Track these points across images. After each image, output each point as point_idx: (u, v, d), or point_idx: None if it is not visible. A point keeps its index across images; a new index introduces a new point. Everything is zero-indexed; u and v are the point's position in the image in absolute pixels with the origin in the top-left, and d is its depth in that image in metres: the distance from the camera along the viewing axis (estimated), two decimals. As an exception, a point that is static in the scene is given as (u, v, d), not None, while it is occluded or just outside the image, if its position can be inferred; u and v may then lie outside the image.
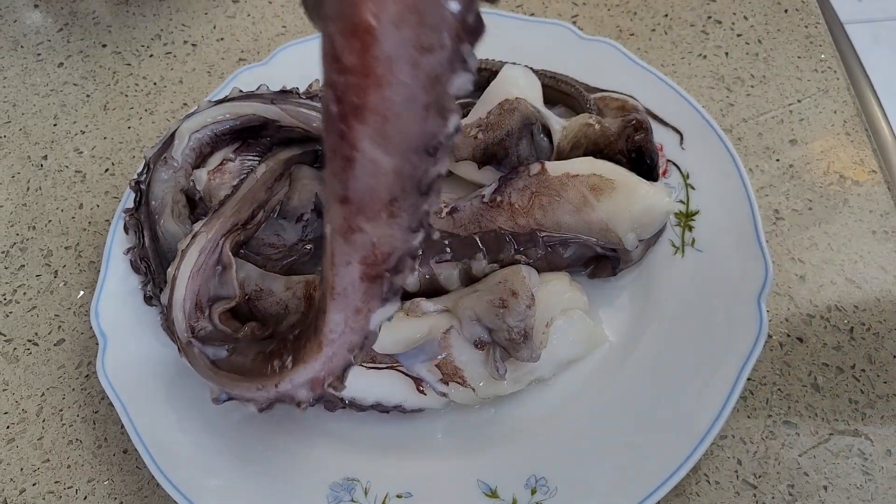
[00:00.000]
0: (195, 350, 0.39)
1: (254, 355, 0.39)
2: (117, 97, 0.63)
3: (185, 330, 0.39)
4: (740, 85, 0.56)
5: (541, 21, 0.56)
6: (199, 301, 0.40)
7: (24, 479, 0.45)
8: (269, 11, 0.68)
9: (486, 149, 0.47)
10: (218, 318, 0.40)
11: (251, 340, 0.40)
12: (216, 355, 0.39)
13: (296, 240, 0.46)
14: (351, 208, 0.28)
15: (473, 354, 0.41)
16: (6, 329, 0.51)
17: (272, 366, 0.37)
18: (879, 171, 0.51)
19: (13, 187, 0.58)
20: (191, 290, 0.40)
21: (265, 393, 0.37)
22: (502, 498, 0.39)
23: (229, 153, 0.48)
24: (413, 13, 0.23)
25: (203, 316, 0.40)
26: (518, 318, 0.40)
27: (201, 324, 0.40)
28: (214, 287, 0.41)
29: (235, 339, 0.40)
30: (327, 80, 0.26)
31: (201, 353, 0.39)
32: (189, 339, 0.39)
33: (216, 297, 0.41)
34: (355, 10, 0.23)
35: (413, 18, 0.23)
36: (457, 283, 0.43)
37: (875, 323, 0.45)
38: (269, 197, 0.46)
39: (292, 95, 0.49)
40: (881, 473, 0.40)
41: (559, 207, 0.43)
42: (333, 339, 0.34)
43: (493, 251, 0.43)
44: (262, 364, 0.38)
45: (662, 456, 0.38)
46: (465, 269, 0.43)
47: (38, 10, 0.71)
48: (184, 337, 0.39)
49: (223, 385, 0.38)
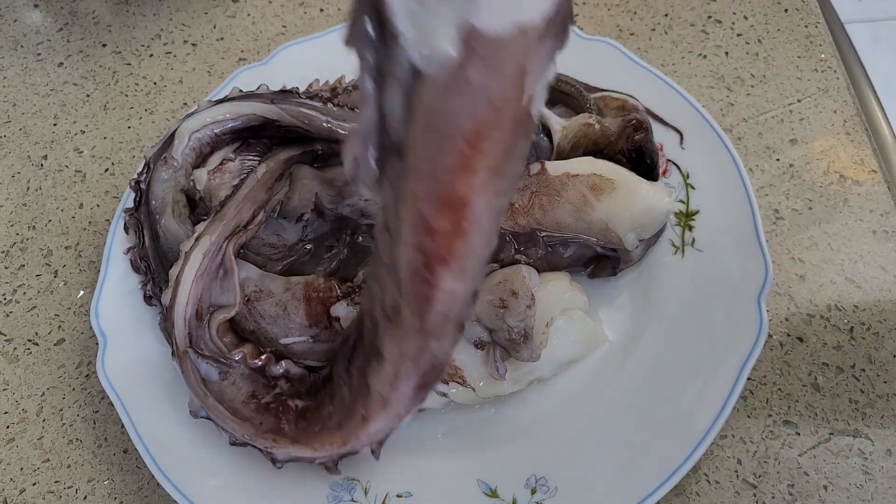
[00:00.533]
0: (189, 361, 0.39)
1: (245, 397, 0.39)
2: (117, 97, 0.63)
3: (184, 338, 0.39)
4: (740, 84, 0.56)
5: (541, 21, 0.56)
6: (200, 308, 0.40)
7: (24, 479, 0.45)
8: (269, 11, 0.68)
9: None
10: (216, 330, 0.40)
11: (246, 375, 0.40)
12: (208, 374, 0.39)
13: (296, 240, 0.46)
14: (426, 336, 0.30)
15: (473, 354, 0.41)
16: (6, 329, 0.51)
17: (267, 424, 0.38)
18: (879, 171, 0.51)
19: (13, 187, 0.58)
20: (194, 294, 0.40)
21: (247, 439, 0.38)
22: (502, 498, 0.39)
23: (229, 153, 0.48)
24: (496, 175, 0.25)
25: (202, 324, 0.40)
26: (518, 319, 0.40)
27: (199, 333, 0.40)
28: (216, 293, 0.41)
29: (227, 364, 0.40)
30: (413, 243, 0.27)
31: (194, 367, 0.39)
32: (186, 349, 0.39)
33: (217, 305, 0.41)
34: (451, 188, 0.25)
35: (496, 178, 0.26)
36: None
37: (875, 322, 0.45)
38: (270, 197, 0.46)
39: (292, 95, 0.49)
40: (881, 473, 0.40)
41: (559, 207, 0.43)
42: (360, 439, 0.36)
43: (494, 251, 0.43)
44: (255, 413, 0.39)
45: (662, 455, 0.38)
46: None
47: (38, 9, 0.71)
48: (182, 344, 0.39)
49: (208, 408, 0.39)
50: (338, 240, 0.45)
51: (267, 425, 0.38)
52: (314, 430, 0.37)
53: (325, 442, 0.37)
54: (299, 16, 0.67)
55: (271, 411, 0.38)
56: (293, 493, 0.40)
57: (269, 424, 0.38)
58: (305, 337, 0.41)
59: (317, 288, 0.42)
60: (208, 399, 0.39)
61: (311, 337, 0.41)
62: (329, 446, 0.37)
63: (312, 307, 0.41)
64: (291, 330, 0.41)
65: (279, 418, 0.38)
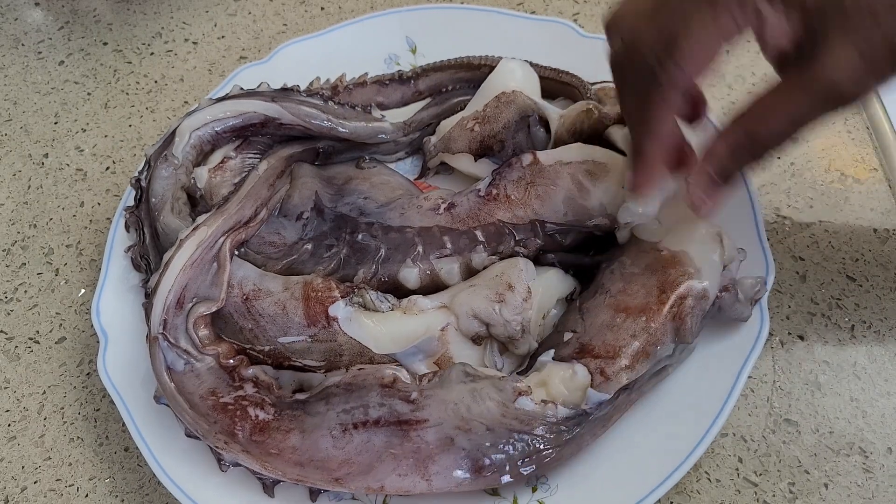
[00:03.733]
0: (158, 347, 0.39)
1: (205, 392, 0.39)
2: (118, 95, 0.63)
3: (158, 323, 0.39)
4: (741, 83, 0.56)
5: (542, 19, 0.56)
6: (182, 296, 0.40)
7: (25, 477, 0.45)
8: (270, 9, 0.68)
9: (482, 141, 0.47)
10: (192, 323, 0.40)
11: (212, 369, 0.40)
12: (173, 363, 0.39)
13: (296, 239, 0.46)
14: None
15: (471, 350, 0.41)
16: (7, 327, 0.51)
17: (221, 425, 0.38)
18: (880, 169, 0.51)
19: (14, 185, 0.59)
20: (179, 282, 0.40)
21: (199, 435, 0.39)
22: (504, 496, 0.39)
23: (230, 151, 0.48)
24: None
25: (180, 313, 0.40)
26: (515, 312, 0.40)
27: (175, 321, 0.40)
28: (204, 286, 0.41)
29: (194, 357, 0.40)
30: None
31: (162, 354, 0.39)
32: (157, 335, 0.39)
33: (203, 297, 0.41)
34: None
35: None
36: (458, 277, 0.43)
37: (876, 321, 0.45)
38: (272, 194, 0.46)
39: (293, 93, 0.49)
40: (882, 471, 0.40)
41: (555, 195, 0.44)
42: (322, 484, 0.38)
43: (494, 243, 0.43)
44: (210, 411, 0.39)
45: (663, 453, 0.38)
46: (465, 263, 0.43)
47: (39, 7, 0.71)
48: (154, 329, 0.39)
49: (168, 397, 0.39)
50: (337, 239, 0.45)
51: (221, 426, 0.38)
52: (270, 451, 0.38)
53: (278, 468, 0.37)
54: (300, 14, 0.67)
55: (228, 413, 0.38)
56: (294, 491, 0.40)
57: (224, 426, 0.38)
58: (304, 336, 0.41)
59: (315, 287, 0.42)
60: (169, 387, 0.39)
61: (309, 336, 0.41)
62: (280, 474, 0.38)
63: (311, 307, 0.41)
64: (290, 329, 0.41)
65: (234, 422, 0.38)
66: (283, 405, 0.39)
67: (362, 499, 0.39)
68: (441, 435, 0.36)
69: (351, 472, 0.37)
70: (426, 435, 0.36)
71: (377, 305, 0.42)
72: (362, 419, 0.37)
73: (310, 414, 0.38)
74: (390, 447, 0.37)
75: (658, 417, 0.40)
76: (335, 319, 0.41)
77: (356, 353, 0.41)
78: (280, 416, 0.39)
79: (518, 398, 0.37)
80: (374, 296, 0.42)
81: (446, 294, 0.42)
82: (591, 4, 0.63)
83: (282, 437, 0.38)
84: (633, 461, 0.38)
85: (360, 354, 0.41)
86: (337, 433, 0.37)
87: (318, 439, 0.37)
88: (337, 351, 0.41)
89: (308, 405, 0.39)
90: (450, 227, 0.44)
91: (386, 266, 0.43)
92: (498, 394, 0.37)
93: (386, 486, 0.36)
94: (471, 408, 0.37)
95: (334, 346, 0.41)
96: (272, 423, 0.38)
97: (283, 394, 0.40)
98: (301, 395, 0.39)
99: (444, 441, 0.36)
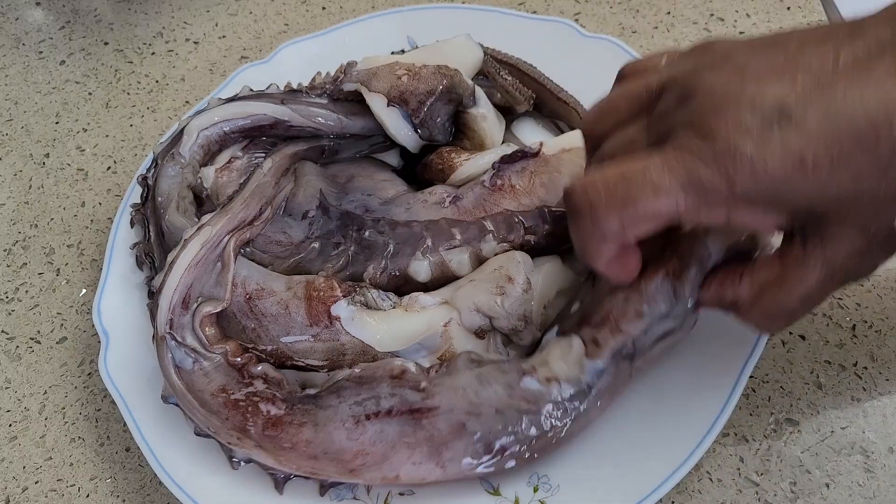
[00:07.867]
0: (166, 347, 0.39)
1: (215, 390, 0.39)
2: (119, 95, 0.63)
3: (165, 322, 0.40)
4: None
5: (543, 18, 0.56)
6: (187, 296, 0.40)
7: (26, 477, 0.45)
8: (271, 9, 0.68)
9: (402, 93, 0.47)
10: (199, 322, 0.40)
11: (221, 367, 0.40)
12: (181, 361, 0.39)
13: (302, 237, 0.46)
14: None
15: (475, 344, 0.41)
16: (8, 327, 0.51)
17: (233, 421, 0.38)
18: (882, 169, 0.51)
19: (15, 185, 0.59)
20: (184, 282, 0.40)
21: (211, 432, 0.39)
22: (505, 496, 0.39)
23: (237, 151, 0.48)
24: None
25: (186, 313, 0.40)
26: (517, 303, 0.40)
27: (182, 321, 0.40)
28: (209, 286, 0.41)
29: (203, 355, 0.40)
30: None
31: (170, 353, 0.39)
32: (164, 335, 0.39)
33: (208, 297, 0.41)
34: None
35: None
36: (468, 267, 0.43)
37: (878, 320, 0.45)
38: (276, 193, 0.46)
39: (302, 95, 0.49)
40: (883, 471, 0.40)
41: (560, 182, 0.44)
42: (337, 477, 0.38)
43: (503, 232, 0.43)
44: (222, 408, 0.39)
45: (664, 453, 0.38)
46: (475, 253, 0.43)
47: (40, 7, 0.71)
48: (161, 329, 0.40)
49: (178, 396, 0.39)
50: (345, 236, 0.45)
51: (233, 422, 0.38)
52: (283, 445, 0.38)
53: (292, 462, 0.38)
54: (301, 13, 0.67)
55: (239, 409, 0.38)
56: (295, 490, 0.40)
57: (236, 422, 0.38)
58: (306, 336, 0.41)
59: (317, 287, 0.42)
60: (178, 386, 0.39)
61: (311, 336, 0.41)
62: (294, 468, 0.38)
63: (313, 306, 0.41)
64: (292, 329, 0.41)
65: (246, 418, 0.38)
66: (294, 400, 0.39)
67: (364, 499, 0.39)
68: (452, 421, 0.37)
69: (366, 463, 0.37)
70: (438, 422, 0.37)
71: (379, 304, 0.42)
72: (374, 410, 0.37)
73: (321, 407, 0.38)
74: (404, 436, 0.37)
75: (659, 417, 0.40)
76: (337, 319, 0.41)
77: (359, 353, 0.41)
78: (292, 410, 0.38)
79: (522, 378, 0.37)
80: (375, 294, 0.42)
81: (447, 290, 0.42)
82: (593, 4, 0.63)
83: (295, 431, 0.38)
84: (634, 460, 0.38)
85: (363, 353, 0.41)
86: (350, 425, 0.37)
87: (331, 431, 0.37)
88: (340, 350, 0.41)
89: (319, 399, 0.39)
90: (457, 218, 0.44)
91: (395, 260, 0.43)
92: (503, 376, 0.37)
93: (401, 475, 0.36)
94: (479, 392, 0.37)
95: (337, 346, 0.41)
96: (284, 418, 0.38)
97: (294, 389, 0.40)
98: (311, 391, 0.39)
99: (455, 427, 0.37)
